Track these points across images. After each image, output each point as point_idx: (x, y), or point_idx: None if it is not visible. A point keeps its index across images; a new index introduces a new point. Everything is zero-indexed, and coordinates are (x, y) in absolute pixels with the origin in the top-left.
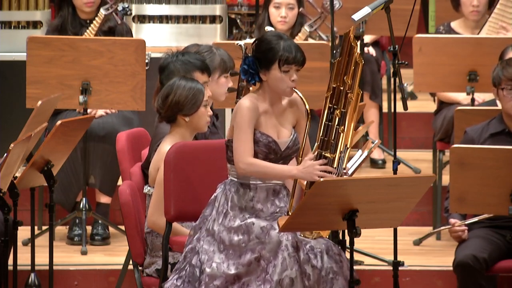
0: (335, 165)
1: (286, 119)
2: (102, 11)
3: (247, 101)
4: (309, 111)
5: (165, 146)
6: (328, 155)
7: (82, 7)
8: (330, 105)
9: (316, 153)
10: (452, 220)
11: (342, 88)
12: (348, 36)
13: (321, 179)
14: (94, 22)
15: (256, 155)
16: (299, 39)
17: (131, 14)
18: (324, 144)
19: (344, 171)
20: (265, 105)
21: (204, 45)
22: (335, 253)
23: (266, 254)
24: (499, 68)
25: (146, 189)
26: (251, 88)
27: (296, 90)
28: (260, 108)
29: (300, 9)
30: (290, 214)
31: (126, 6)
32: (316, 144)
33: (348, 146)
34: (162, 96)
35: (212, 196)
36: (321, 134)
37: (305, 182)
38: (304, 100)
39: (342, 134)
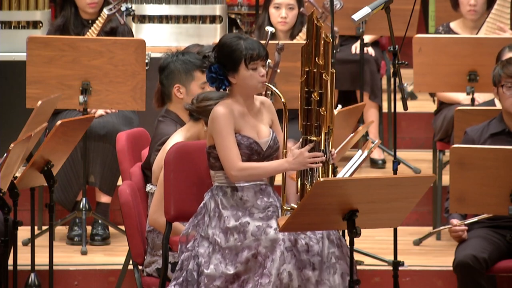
0: (322, 148)
1: (263, 119)
2: (106, 11)
3: (221, 107)
4: (285, 103)
5: (173, 142)
6: (314, 138)
7: (85, 8)
8: (307, 89)
9: (301, 139)
10: (453, 221)
11: (315, 70)
12: (312, 18)
13: (321, 180)
14: (96, 22)
15: (241, 160)
16: (299, 39)
17: (134, 14)
18: (308, 129)
19: (331, 153)
20: (240, 108)
21: (206, 45)
22: (336, 237)
23: (262, 250)
24: (499, 67)
25: (149, 187)
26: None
27: (270, 85)
28: (235, 112)
29: (301, 9)
30: (284, 207)
31: (130, 6)
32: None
33: (331, 127)
34: (205, 96)
35: (201, 204)
36: (302, 120)
37: (294, 174)
38: (279, 94)
39: (324, 115)
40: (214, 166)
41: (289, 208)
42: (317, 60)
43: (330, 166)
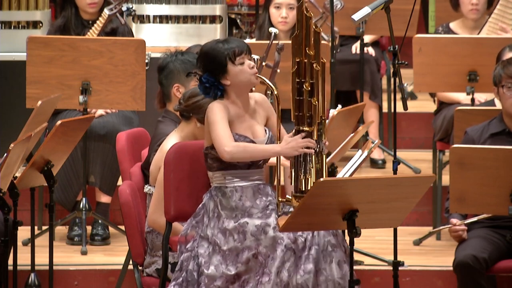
0: (314, 138)
1: (258, 119)
2: (106, 12)
3: (215, 102)
4: (278, 95)
5: (168, 143)
6: (306, 128)
7: (85, 8)
8: (298, 80)
9: (294, 130)
10: (453, 220)
11: (306, 60)
12: (301, 8)
13: (321, 180)
14: (97, 22)
15: None
16: None
17: (135, 15)
18: (300, 120)
19: (324, 144)
20: (236, 109)
21: None
22: None
23: (263, 250)
24: (500, 67)
25: (147, 188)
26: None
27: (261, 76)
28: (231, 112)
29: None
30: (280, 200)
31: (131, 6)
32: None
33: (324, 117)
34: (192, 93)
35: (200, 205)
36: (294, 111)
37: (288, 163)
38: (272, 85)
39: (315, 105)
40: (211, 167)
41: (285, 200)
42: (307, 51)
43: (323, 156)
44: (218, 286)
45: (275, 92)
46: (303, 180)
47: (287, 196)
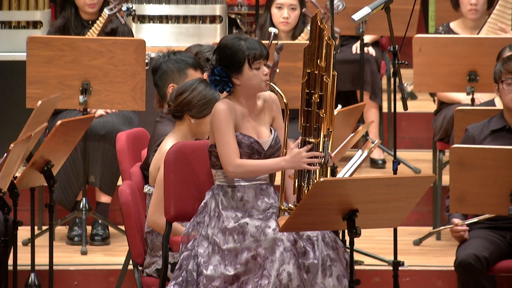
0: (320, 150)
1: (264, 120)
2: (106, 11)
3: (222, 104)
4: (287, 104)
5: (167, 144)
6: (312, 140)
7: (85, 8)
8: (308, 91)
9: (300, 140)
10: (455, 220)
11: (317, 72)
12: (316, 20)
13: (321, 180)
14: (97, 22)
15: (240, 157)
16: (301, 39)
17: (135, 14)
18: (307, 131)
19: (330, 155)
20: (242, 109)
21: (206, 45)
22: (331, 239)
23: (262, 251)
24: (500, 63)
25: (146, 188)
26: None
27: (273, 84)
28: (237, 111)
29: (303, 10)
30: (282, 208)
31: (131, 6)
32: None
33: (331, 130)
34: (178, 91)
35: (202, 203)
36: (302, 121)
37: (292, 172)
38: (282, 94)
39: (323, 117)
40: (215, 165)
41: (287, 209)
42: (318, 62)
43: (328, 168)
44: (216, 287)
45: (285, 101)
46: (306, 191)
47: (290, 204)
